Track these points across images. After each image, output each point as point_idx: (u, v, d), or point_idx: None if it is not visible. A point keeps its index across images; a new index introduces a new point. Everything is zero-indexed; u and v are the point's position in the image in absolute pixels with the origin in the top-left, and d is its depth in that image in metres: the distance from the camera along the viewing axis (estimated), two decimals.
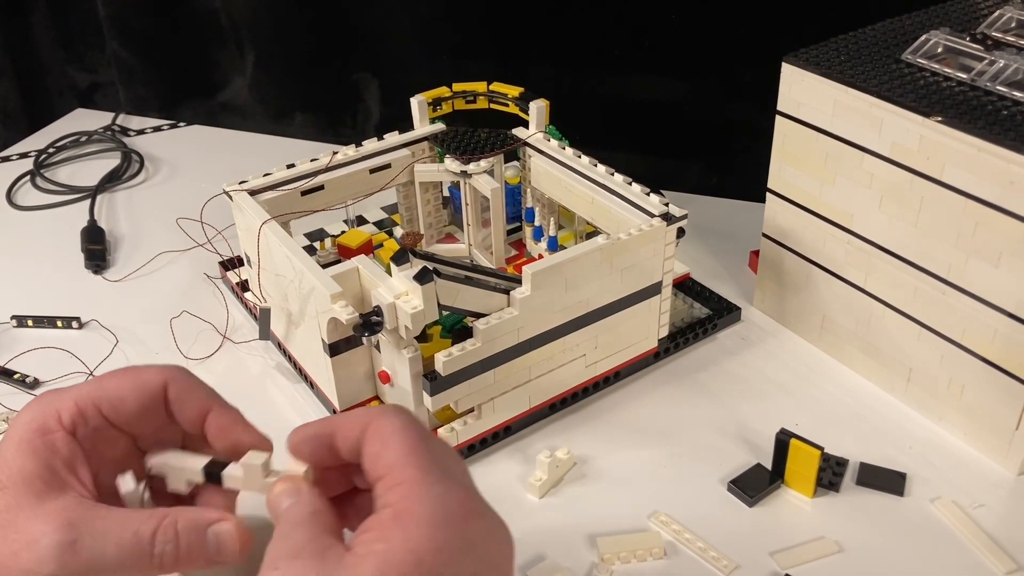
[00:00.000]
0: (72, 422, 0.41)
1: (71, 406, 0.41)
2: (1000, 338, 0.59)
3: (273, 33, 1.11)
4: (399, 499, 0.35)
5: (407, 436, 0.37)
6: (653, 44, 0.95)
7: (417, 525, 0.34)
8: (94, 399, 0.42)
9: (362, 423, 0.39)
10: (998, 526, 0.58)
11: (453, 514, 0.35)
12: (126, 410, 0.42)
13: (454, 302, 0.59)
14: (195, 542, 0.39)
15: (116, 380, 0.42)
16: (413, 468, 0.36)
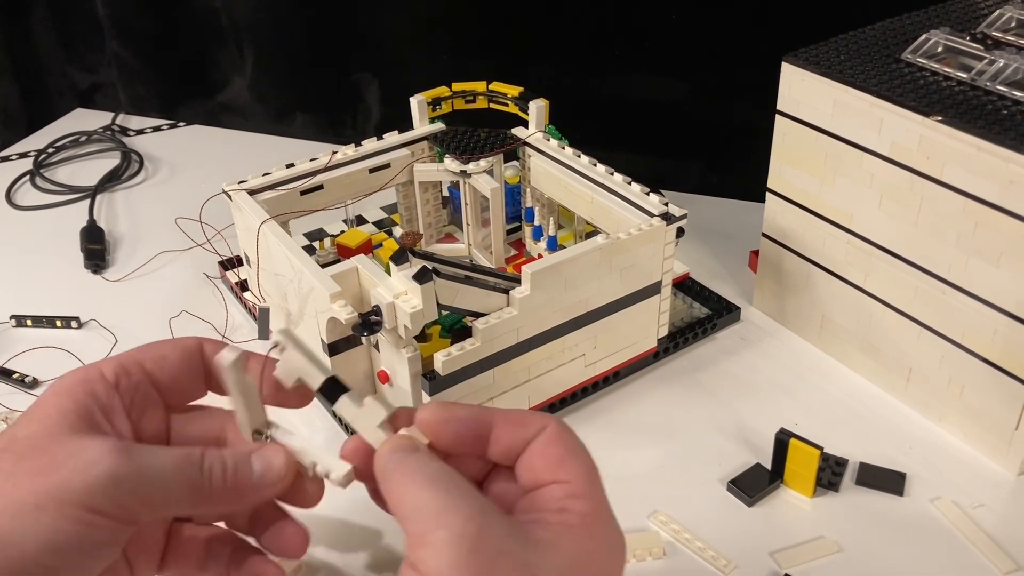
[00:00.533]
0: (115, 375, 0.41)
1: (114, 363, 0.41)
2: (1000, 338, 0.59)
3: (273, 33, 1.11)
4: (588, 513, 0.36)
5: (589, 457, 0.39)
6: (653, 44, 0.95)
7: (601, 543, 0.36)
8: (136, 357, 0.42)
9: (538, 424, 0.39)
10: (998, 526, 0.58)
11: (618, 552, 0.37)
12: (168, 365, 0.43)
13: (453, 302, 0.59)
14: (241, 465, 0.40)
15: (155, 344, 0.43)
16: (598, 488, 0.38)
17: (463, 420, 0.39)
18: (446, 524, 0.34)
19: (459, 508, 0.34)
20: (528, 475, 0.38)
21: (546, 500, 0.37)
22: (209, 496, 0.39)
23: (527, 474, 0.38)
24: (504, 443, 0.39)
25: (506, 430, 0.39)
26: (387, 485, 0.38)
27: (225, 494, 0.39)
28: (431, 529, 0.34)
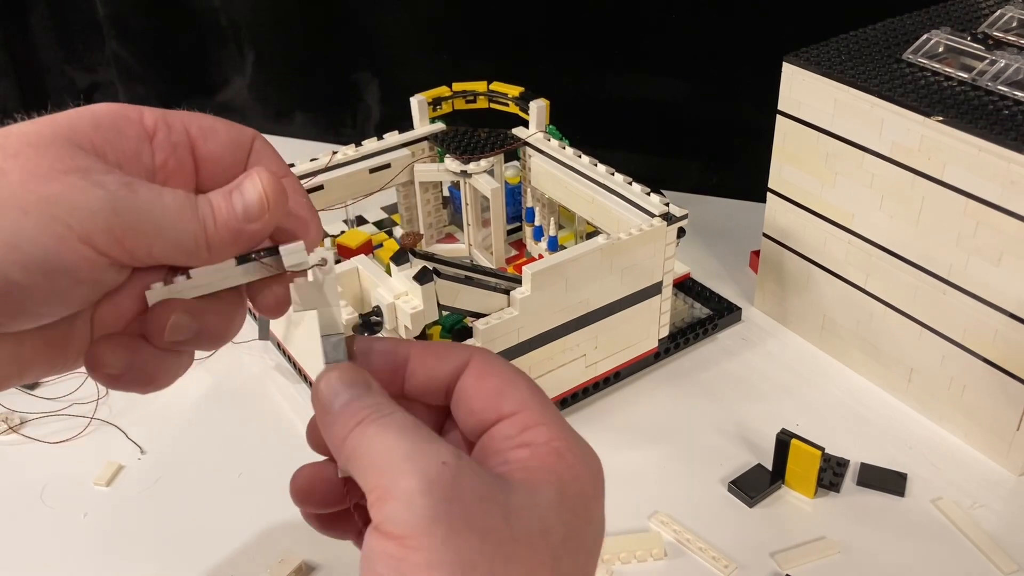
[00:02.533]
0: (155, 124, 0.34)
1: (158, 113, 0.35)
2: (1001, 338, 0.59)
3: (273, 33, 1.11)
4: (553, 439, 0.32)
5: (529, 379, 0.34)
6: (653, 44, 0.95)
7: (583, 468, 0.33)
8: (183, 117, 0.35)
9: (459, 355, 0.34)
10: (999, 526, 0.58)
11: (600, 471, 0.34)
12: (215, 141, 0.36)
13: (454, 302, 0.59)
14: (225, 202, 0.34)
15: (208, 116, 0.36)
16: (552, 410, 0.33)
17: (378, 352, 0.35)
18: (415, 471, 0.28)
19: (428, 452, 0.29)
20: (469, 419, 0.34)
21: (500, 441, 0.32)
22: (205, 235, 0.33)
23: (468, 418, 0.34)
24: (421, 376, 0.34)
25: (422, 362, 0.35)
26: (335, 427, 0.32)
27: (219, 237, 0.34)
28: (398, 478, 0.28)
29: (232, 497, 0.62)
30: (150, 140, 0.34)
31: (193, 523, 0.60)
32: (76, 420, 0.67)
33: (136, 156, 0.34)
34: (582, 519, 0.32)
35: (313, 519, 0.37)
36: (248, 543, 0.58)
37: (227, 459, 0.65)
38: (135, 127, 0.34)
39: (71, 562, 0.57)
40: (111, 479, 0.63)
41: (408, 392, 0.35)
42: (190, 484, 0.63)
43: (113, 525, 0.60)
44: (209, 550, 0.58)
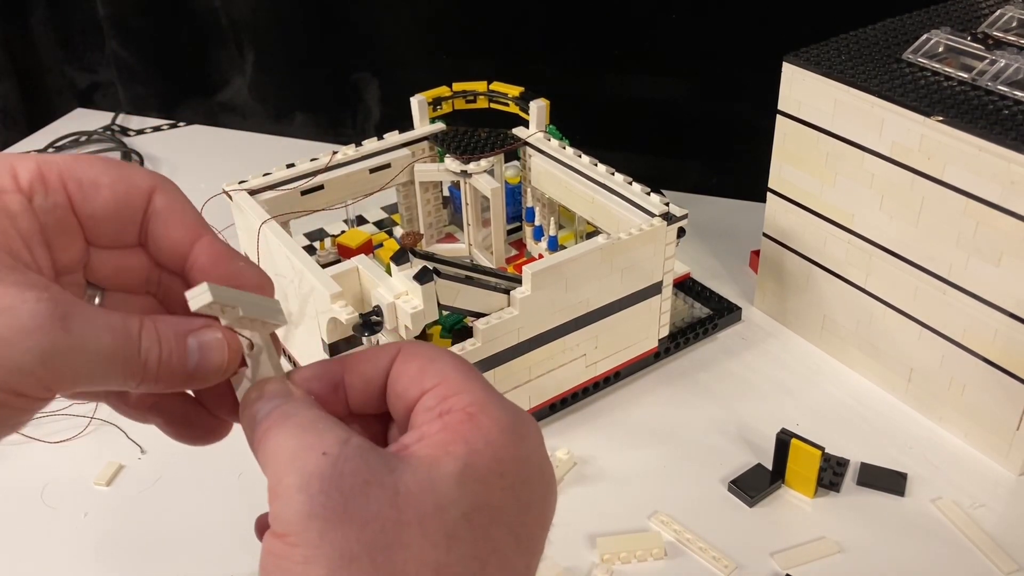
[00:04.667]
0: (30, 186, 0.31)
1: (32, 167, 0.31)
2: (1001, 338, 0.59)
3: (273, 33, 1.11)
4: (468, 404, 0.30)
5: (456, 357, 0.32)
6: (653, 44, 0.95)
7: (499, 429, 0.30)
8: (62, 171, 0.32)
9: (388, 352, 0.32)
10: (999, 526, 0.58)
11: (529, 431, 0.31)
12: (98, 200, 0.32)
13: (454, 302, 0.59)
14: (176, 349, 0.31)
15: (93, 163, 0.33)
16: (476, 379, 0.31)
17: (316, 375, 0.33)
18: (297, 467, 0.28)
19: (313, 446, 0.28)
20: (398, 405, 0.32)
21: (420, 415, 0.31)
22: (143, 379, 0.31)
23: (397, 404, 0.32)
24: (358, 385, 0.33)
25: (356, 371, 0.33)
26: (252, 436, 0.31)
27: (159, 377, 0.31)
28: (282, 476, 0.28)
29: (232, 497, 0.62)
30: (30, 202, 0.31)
31: (193, 523, 0.60)
32: (76, 420, 0.67)
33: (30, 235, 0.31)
34: (496, 487, 0.29)
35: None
36: (248, 543, 0.58)
37: (227, 459, 0.64)
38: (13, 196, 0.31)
39: (71, 562, 0.57)
40: (111, 479, 0.63)
41: (353, 407, 0.33)
42: (190, 484, 0.63)
43: (113, 525, 0.60)
44: (209, 550, 0.58)
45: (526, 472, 0.30)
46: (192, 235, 0.33)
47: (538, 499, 0.31)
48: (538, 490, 0.31)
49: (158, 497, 0.62)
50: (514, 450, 0.30)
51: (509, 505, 0.29)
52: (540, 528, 0.31)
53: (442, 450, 0.29)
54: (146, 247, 0.34)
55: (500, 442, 0.30)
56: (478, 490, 0.29)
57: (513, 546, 0.29)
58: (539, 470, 0.31)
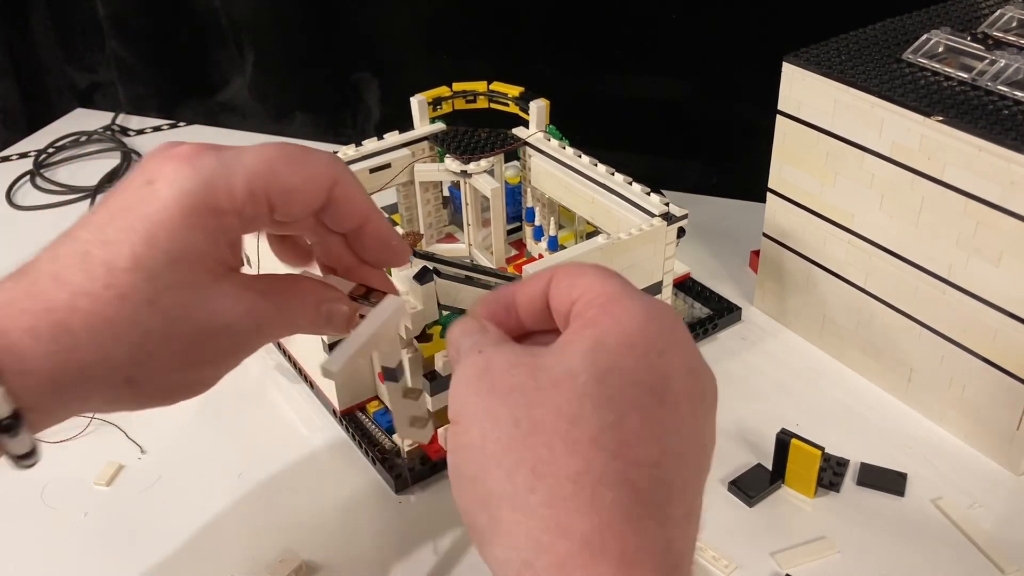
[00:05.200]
0: (243, 206, 0.38)
1: (243, 187, 0.38)
2: (1001, 338, 0.59)
3: (273, 33, 1.11)
4: (606, 301, 0.34)
5: (596, 267, 0.36)
6: (653, 44, 0.95)
7: (629, 313, 0.34)
8: (267, 187, 0.39)
9: (547, 275, 0.37)
10: (998, 526, 0.58)
11: (663, 312, 0.35)
12: (291, 205, 0.40)
13: (454, 302, 0.59)
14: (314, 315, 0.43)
15: (287, 166, 0.39)
16: (616, 281, 0.35)
17: (494, 298, 0.39)
18: (460, 366, 0.35)
19: (472, 348, 0.35)
20: (559, 318, 0.37)
21: (572, 321, 0.35)
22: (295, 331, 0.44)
23: (557, 317, 0.37)
24: (525, 304, 0.38)
25: (523, 293, 0.38)
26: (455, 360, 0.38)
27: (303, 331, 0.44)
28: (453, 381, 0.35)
29: (232, 497, 0.62)
30: (239, 217, 0.39)
31: (193, 523, 0.60)
32: (76, 420, 0.66)
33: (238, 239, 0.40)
34: (628, 356, 0.33)
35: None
36: (248, 543, 0.58)
37: (227, 459, 0.65)
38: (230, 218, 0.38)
39: (71, 562, 0.57)
40: (111, 479, 0.63)
41: (527, 324, 0.38)
42: (190, 484, 0.63)
43: (113, 525, 0.60)
44: (209, 550, 0.58)
45: (660, 344, 0.34)
46: (361, 216, 0.43)
47: (680, 369, 0.35)
48: (678, 361, 0.35)
49: (158, 497, 0.62)
50: (645, 326, 0.34)
51: (642, 370, 0.33)
52: (689, 397, 0.35)
53: (577, 335, 0.34)
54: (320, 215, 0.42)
55: (629, 320, 0.34)
56: (607, 358, 0.33)
57: (655, 405, 0.33)
58: (678, 343, 0.35)
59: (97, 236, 0.37)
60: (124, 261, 0.36)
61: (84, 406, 0.39)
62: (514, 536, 0.30)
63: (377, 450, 0.63)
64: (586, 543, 0.29)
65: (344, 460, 0.64)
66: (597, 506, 0.30)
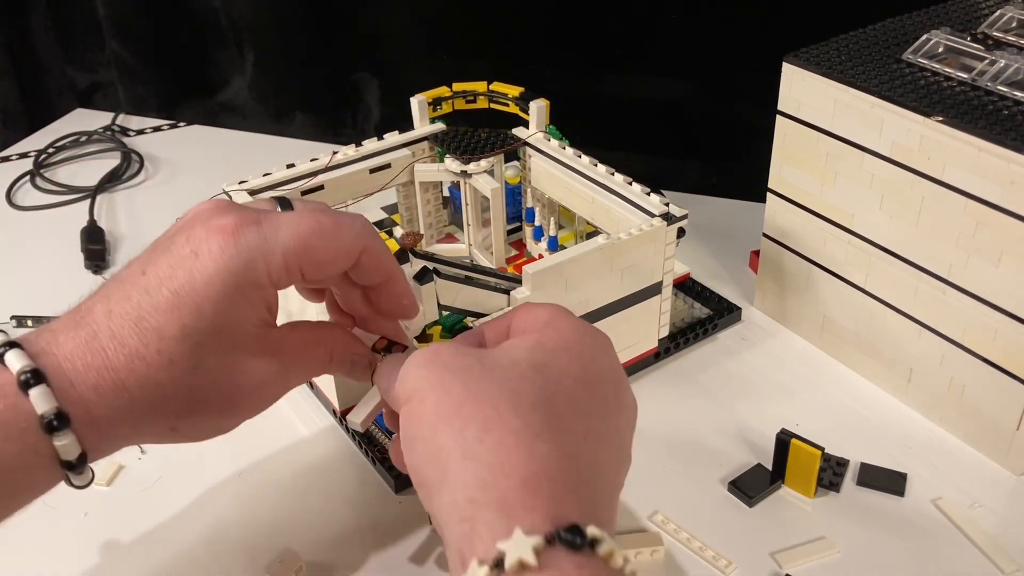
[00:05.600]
0: (279, 279, 0.44)
1: (280, 263, 0.43)
2: (1001, 338, 0.59)
3: (273, 33, 1.11)
4: (551, 319, 0.42)
5: (553, 305, 0.44)
6: (653, 44, 0.95)
7: (570, 326, 0.42)
8: (300, 262, 0.44)
9: (511, 314, 0.45)
10: (999, 526, 0.58)
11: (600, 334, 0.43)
12: (322, 274, 0.46)
13: (454, 302, 0.59)
14: (344, 364, 0.50)
15: (319, 240, 0.44)
16: (565, 311, 0.43)
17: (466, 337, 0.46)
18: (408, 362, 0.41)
19: (425, 350, 0.41)
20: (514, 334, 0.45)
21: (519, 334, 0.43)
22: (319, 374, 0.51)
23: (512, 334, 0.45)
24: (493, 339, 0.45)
25: (491, 328, 0.45)
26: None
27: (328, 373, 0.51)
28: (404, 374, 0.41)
29: (232, 497, 0.62)
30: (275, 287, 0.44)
31: (193, 523, 0.60)
32: None
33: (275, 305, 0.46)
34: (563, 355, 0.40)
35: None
36: (248, 543, 0.58)
37: (227, 459, 0.65)
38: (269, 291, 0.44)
39: (71, 562, 0.57)
40: (111, 479, 0.63)
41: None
42: (190, 484, 0.63)
43: (113, 525, 0.60)
44: (209, 550, 0.58)
45: (592, 353, 0.41)
46: (384, 276, 0.49)
47: (608, 375, 0.41)
48: (607, 370, 0.41)
49: (158, 497, 0.62)
50: (581, 337, 0.42)
51: (575, 367, 0.40)
52: (614, 400, 0.41)
53: (519, 339, 0.42)
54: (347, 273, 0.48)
55: (568, 330, 0.42)
56: (545, 355, 0.40)
57: (584, 394, 0.39)
58: (609, 359, 0.42)
59: (149, 302, 0.42)
60: (174, 330, 0.41)
61: (132, 443, 0.45)
62: (462, 479, 0.35)
63: (377, 450, 0.63)
64: (524, 482, 0.34)
65: (344, 460, 0.64)
66: (535, 456, 0.36)
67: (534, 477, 0.35)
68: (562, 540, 0.32)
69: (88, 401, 0.41)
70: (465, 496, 0.35)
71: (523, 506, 0.34)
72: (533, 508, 0.34)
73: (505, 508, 0.34)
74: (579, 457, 0.37)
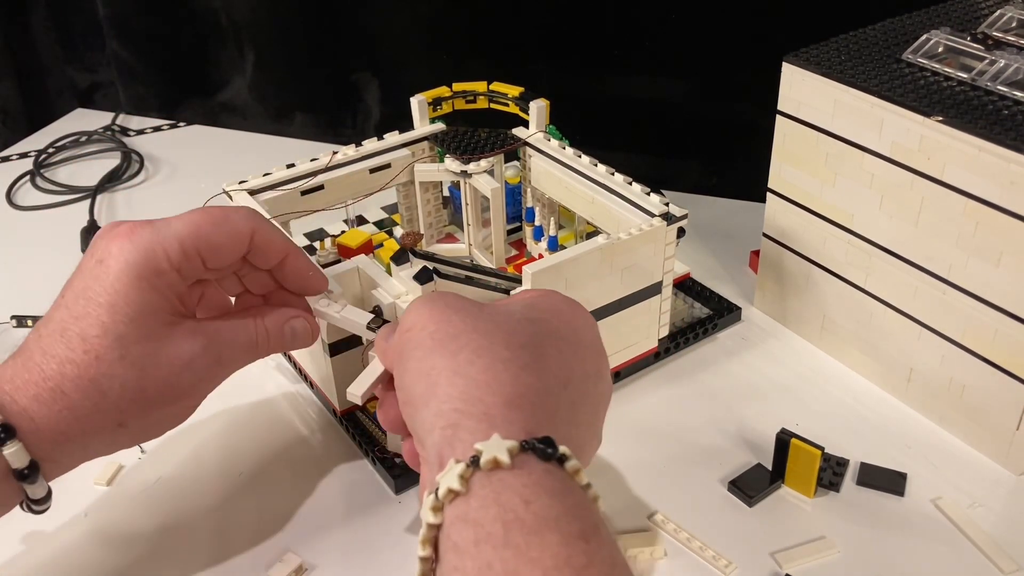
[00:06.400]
0: (179, 263, 0.47)
1: (176, 248, 0.47)
2: (1000, 338, 0.59)
3: (273, 33, 1.11)
4: (544, 293, 0.48)
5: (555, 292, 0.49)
6: (653, 44, 0.95)
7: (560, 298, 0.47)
8: (196, 246, 0.48)
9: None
10: (998, 526, 0.58)
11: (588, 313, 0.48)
12: (220, 257, 0.49)
13: None
14: (278, 334, 0.53)
15: (210, 226, 0.48)
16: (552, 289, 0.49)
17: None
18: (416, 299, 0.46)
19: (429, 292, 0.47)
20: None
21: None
22: (260, 355, 0.52)
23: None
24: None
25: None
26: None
27: (270, 352, 0.53)
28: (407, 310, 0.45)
29: (232, 497, 0.62)
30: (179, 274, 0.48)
31: (193, 523, 0.60)
32: None
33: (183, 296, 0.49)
34: (553, 318, 0.45)
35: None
36: (248, 543, 0.58)
37: (227, 459, 0.65)
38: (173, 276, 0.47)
39: (71, 562, 0.57)
40: (111, 479, 0.63)
41: None
42: (190, 484, 0.63)
43: (113, 525, 0.60)
44: (209, 550, 0.58)
45: (580, 323, 0.46)
46: (280, 254, 0.52)
47: (593, 344, 0.46)
48: (591, 339, 0.46)
49: (158, 497, 0.62)
50: (572, 307, 0.46)
51: (564, 330, 0.44)
52: (595, 366, 0.46)
53: (514, 297, 0.47)
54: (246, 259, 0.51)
55: (559, 300, 0.46)
56: (539, 313, 0.44)
57: (570, 350, 0.43)
58: (594, 334, 0.47)
59: (69, 314, 0.46)
60: (95, 330, 0.45)
61: (87, 452, 0.48)
62: (451, 393, 0.39)
63: (377, 450, 0.63)
64: (507, 401, 0.38)
65: (344, 460, 0.64)
66: (519, 383, 0.39)
67: (518, 397, 0.39)
68: (535, 449, 0.36)
69: (31, 411, 0.45)
70: (451, 407, 0.38)
71: (504, 419, 0.37)
72: (512, 421, 0.37)
73: (487, 419, 0.37)
74: (559, 398, 0.41)
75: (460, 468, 0.35)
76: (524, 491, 0.34)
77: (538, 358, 0.41)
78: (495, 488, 0.34)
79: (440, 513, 0.36)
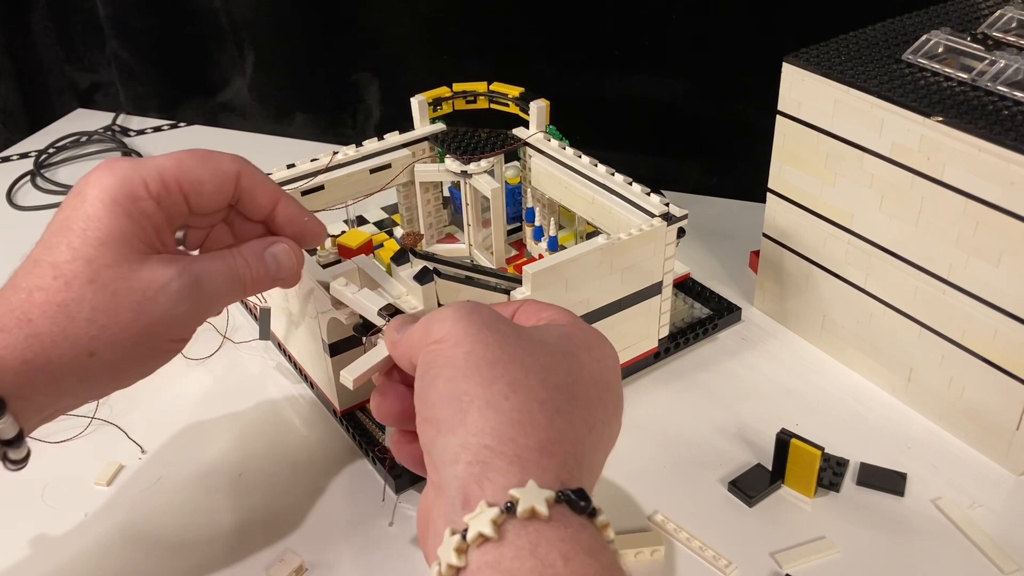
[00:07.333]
0: (158, 193, 0.46)
1: (156, 177, 0.46)
2: (1000, 338, 0.59)
3: (273, 33, 1.11)
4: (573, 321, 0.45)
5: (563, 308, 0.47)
6: (653, 44, 0.95)
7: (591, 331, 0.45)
8: (176, 176, 0.46)
9: (515, 303, 0.48)
10: (998, 526, 0.58)
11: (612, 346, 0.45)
12: (203, 192, 0.47)
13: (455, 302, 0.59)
14: (260, 264, 0.50)
15: (194, 161, 0.47)
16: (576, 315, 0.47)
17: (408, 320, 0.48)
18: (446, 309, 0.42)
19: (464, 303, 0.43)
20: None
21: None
22: (246, 291, 0.50)
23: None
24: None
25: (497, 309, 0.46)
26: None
27: (256, 288, 0.50)
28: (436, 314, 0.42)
29: (232, 497, 0.62)
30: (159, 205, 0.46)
31: (193, 523, 0.60)
32: (76, 420, 0.67)
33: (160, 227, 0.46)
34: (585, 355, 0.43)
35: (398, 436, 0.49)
36: (248, 543, 0.58)
37: (227, 459, 0.65)
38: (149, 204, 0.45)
39: (71, 562, 0.57)
40: (111, 479, 0.63)
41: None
42: (190, 484, 0.63)
43: (113, 525, 0.60)
44: (209, 550, 0.58)
45: (609, 361, 0.44)
46: (271, 200, 0.50)
47: (615, 387, 0.44)
48: (615, 379, 0.44)
49: (158, 497, 0.62)
50: (602, 342, 0.44)
51: (595, 368, 0.42)
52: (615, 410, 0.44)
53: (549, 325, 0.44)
54: (235, 207, 0.50)
55: (590, 333, 0.44)
56: (572, 347, 0.42)
57: (595, 396, 0.42)
58: (616, 368, 0.45)
59: (43, 247, 0.45)
60: (64, 255, 0.44)
61: (58, 389, 0.45)
62: (482, 427, 0.37)
63: (377, 450, 0.63)
64: (540, 446, 0.37)
65: (344, 460, 0.64)
66: (553, 428, 0.38)
67: (551, 444, 0.37)
68: (569, 501, 0.35)
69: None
70: (480, 442, 0.36)
71: (538, 465, 0.36)
72: (547, 469, 0.36)
73: (519, 462, 0.36)
74: (584, 444, 0.39)
75: (493, 513, 0.34)
76: (562, 546, 0.33)
77: (570, 401, 0.40)
78: (532, 539, 0.33)
79: (464, 556, 0.34)
